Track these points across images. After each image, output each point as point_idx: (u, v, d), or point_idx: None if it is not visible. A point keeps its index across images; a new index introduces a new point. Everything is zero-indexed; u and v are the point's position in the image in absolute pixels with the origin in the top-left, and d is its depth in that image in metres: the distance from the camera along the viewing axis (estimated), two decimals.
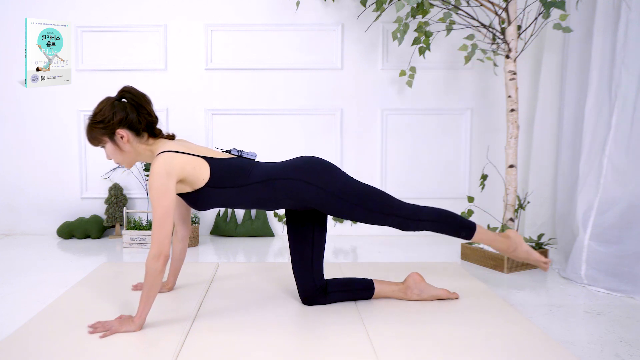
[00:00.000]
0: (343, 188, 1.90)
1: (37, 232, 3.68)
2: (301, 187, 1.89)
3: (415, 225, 1.97)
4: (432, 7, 3.06)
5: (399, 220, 1.95)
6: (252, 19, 3.58)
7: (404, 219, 1.95)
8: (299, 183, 1.89)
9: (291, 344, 1.73)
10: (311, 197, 1.90)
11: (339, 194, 1.89)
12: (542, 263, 2.07)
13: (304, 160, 1.96)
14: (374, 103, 3.63)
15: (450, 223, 2.01)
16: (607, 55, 2.77)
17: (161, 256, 1.74)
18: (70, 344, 1.70)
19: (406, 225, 1.97)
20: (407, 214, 1.96)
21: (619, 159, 2.64)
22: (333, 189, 1.89)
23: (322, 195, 1.89)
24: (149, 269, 1.75)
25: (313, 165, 1.94)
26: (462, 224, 2.03)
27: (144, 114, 1.88)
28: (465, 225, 2.03)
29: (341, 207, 1.91)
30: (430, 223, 1.99)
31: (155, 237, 1.75)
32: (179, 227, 2.16)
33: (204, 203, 1.92)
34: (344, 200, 1.90)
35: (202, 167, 1.86)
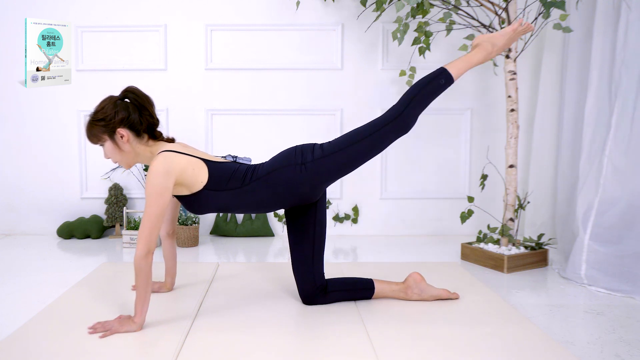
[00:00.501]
0: (327, 146, 1.90)
1: (37, 232, 3.68)
2: (292, 171, 1.88)
3: (407, 115, 1.88)
4: (432, 7, 3.06)
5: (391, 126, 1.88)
6: (252, 19, 3.58)
7: (393, 121, 1.88)
8: (290, 168, 1.88)
9: (291, 344, 1.73)
10: (305, 176, 1.88)
11: (327, 153, 1.88)
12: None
13: (287, 150, 1.97)
14: (374, 103, 3.63)
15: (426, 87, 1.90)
16: (607, 55, 2.77)
17: (149, 254, 1.76)
18: (70, 344, 1.70)
19: (400, 122, 1.88)
20: (393, 114, 1.89)
21: (619, 159, 2.64)
22: (319, 154, 1.89)
23: (314, 166, 1.88)
24: (140, 268, 1.75)
25: (295, 149, 1.94)
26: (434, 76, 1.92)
27: (146, 115, 1.88)
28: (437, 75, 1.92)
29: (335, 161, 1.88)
30: (416, 100, 1.89)
31: (144, 235, 1.75)
32: (165, 224, 2.16)
33: (202, 206, 1.91)
34: (334, 154, 1.88)
35: (200, 169, 1.86)
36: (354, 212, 3.64)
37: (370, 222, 3.68)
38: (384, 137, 1.89)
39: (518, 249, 2.86)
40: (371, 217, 3.67)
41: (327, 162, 1.88)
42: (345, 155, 1.88)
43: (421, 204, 3.68)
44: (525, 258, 2.80)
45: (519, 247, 2.88)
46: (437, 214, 3.67)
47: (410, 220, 3.67)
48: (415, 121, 1.90)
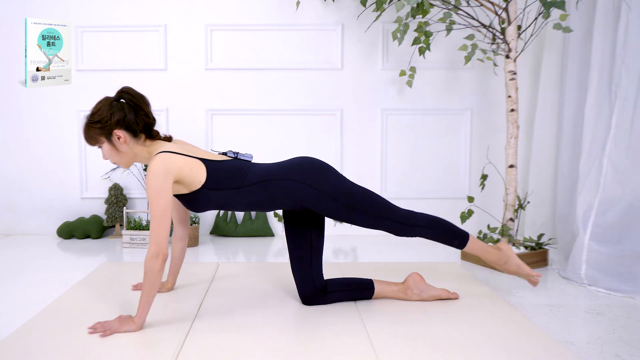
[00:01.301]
0: (338, 189, 1.90)
1: (37, 232, 3.68)
2: (296, 187, 1.89)
3: (409, 231, 1.98)
4: (432, 7, 3.06)
5: (394, 224, 1.95)
6: (252, 19, 3.58)
7: (398, 224, 1.95)
8: (294, 184, 1.89)
9: (291, 344, 1.73)
10: (306, 197, 1.90)
11: (334, 195, 1.89)
12: (532, 278, 2.08)
13: (299, 161, 1.96)
14: (374, 103, 3.63)
15: (443, 230, 2.02)
16: (607, 55, 2.77)
17: (160, 255, 1.74)
18: (70, 344, 1.70)
19: (400, 230, 1.97)
20: (402, 218, 1.96)
21: (619, 159, 2.64)
22: (328, 189, 1.89)
23: (317, 195, 1.89)
24: (148, 268, 1.75)
25: (308, 166, 1.94)
26: (456, 232, 2.04)
27: (142, 115, 1.87)
28: (459, 234, 2.04)
29: (336, 208, 1.90)
30: (424, 229, 1.99)
31: (153, 236, 1.75)
32: (177, 227, 2.16)
33: (200, 204, 1.92)
34: (339, 201, 1.90)
35: (198, 169, 1.86)
36: None
37: None
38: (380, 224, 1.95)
39: (518, 249, 2.86)
40: None
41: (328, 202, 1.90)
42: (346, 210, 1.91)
43: (421, 204, 3.67)
44: (525, 258, 2.80)
45: (519, 247, 2.88)
46: (437, 214, 3.65)
47: None
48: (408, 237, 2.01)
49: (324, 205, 1.90)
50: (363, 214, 1.92)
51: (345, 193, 1.91)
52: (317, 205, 1.91)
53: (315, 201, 1.90)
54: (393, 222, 1.95)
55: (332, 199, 1.89)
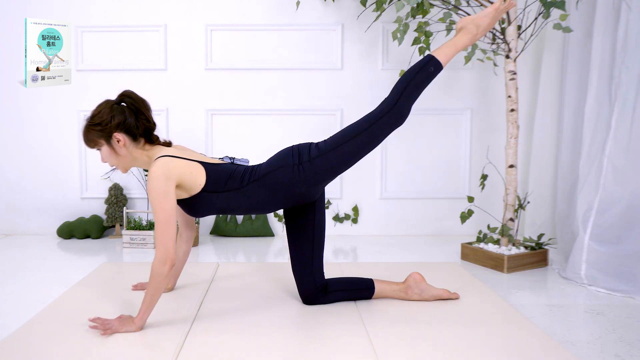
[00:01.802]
0: (323, 145, 1.90)
1: (37, 232, 3.68)
2: (289, 171, 1.88)
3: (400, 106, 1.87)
4: (432, 7, 3.06)
5: (385, 119, 1.87)
6: (252, 19, 3.58)
7: (387, 114, 1.87)
8: (286, 169, 1.88)
9: (291, 344, 1.73)
10: (302, 176, 1.88)
11: (323, 151, 1.88)
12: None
13: (283, 150, 1.97)
14: (374, 103, 3.61)
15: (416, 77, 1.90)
16: (607, 55, 2.77)
17: (168, 260, 1.74)
18: (70, 344, 1.70)
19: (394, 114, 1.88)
20: (386, 107, 1.88)
21: (619, 159, 2.64)
22: (315, 153, 1.89)
23: (311, 165, 1.88)
24: (155, 272, 1.74)
25: (292, 149, 1.94)
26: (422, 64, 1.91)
27: (142, 120, 1.87)
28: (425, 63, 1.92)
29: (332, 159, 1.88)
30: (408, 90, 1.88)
31: (160, 241, 1.74)
32: (183, 230, 2.17)
33: (201, 209, 1.91)
34: (330, 151, 1.88)
35: (198, 172, 1.86)
36: (354, 212, 3.64)
37: (370, 222, 3.68)
38: (379, 131, 1.88)
39: (518, 249, 2.86)
40: (371, 217, 3.67)
41: (324, 161, 1.88)
42: (341, 152, 1.88)
43: (421, 204, 3.68)
44: (525, 258, 2.80)
45: (519, 247, 2.88)
46: (437, 214, 3.67)
47: (410, 220, 3.68)
48: (409, 112, 1.90)
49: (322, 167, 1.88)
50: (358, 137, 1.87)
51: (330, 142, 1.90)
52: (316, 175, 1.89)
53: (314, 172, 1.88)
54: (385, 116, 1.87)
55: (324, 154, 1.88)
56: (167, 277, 1.76)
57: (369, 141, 1.89)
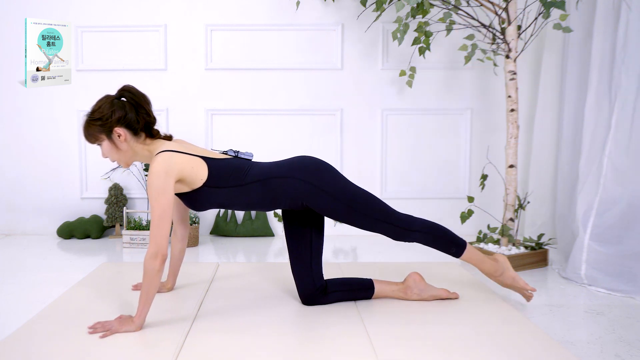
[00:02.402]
0: (339, 189, 1.91)
1: (37, 232, 3.68)
2: (297, 185, 1.89)
3: (407, 235, 1.98)
4: (432, 7, 3.06)
5: (393, 228, 1.96)
6: (252, 19, 3.58)
7: (397, 228, 1.96)
8: (295, 181, 1.89)
9: (291, 344, 1.73)
10: (307, 195, 1.90)
11: (335, 194, 1.90)
12: (527, 292, 2.08)
13: (300, 159, 1.97)
14: (374, 103, 3.63)
15: (442, 237, 2.02)
16: (607, 55, 2.77)
17: (159, 255, 1.74)
18: (70, 344, 1.70)
19: (399, 234, 1.98)
20: (401, 222, 1.97)
21: (619, 159, 2.64)
22: (329, 188, 1.90)
23: (318, 193, 1.89)
24: (147, 268, 1.74)
25: (309, 164, 1.94)
26: (453, 239, 2.03)
27: (143, 114, 1.87)
28: (456, 242, 2.03)
29: (336, 207, 1.91)
30: (423, 235, 1.99)
31: (153, 236, 1.75)
32: (177, 227, 2.16)
33: (202, 203, 1.92)
34: (339, 201, 1.90)
35: (200, 167, 1.86)
36: None
37: None
38: (379, 227, 1.97)
39: (518, 249, 2.86)
40: None
41: (328, 201, 1.90)
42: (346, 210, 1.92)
43: (421, 204, 3.67)
44: (525, 258, 2.80)
45: (519, 247, 2.88)
46: (437, 214, 3.67)
47: None
48: (406, 241, 2.01)
49: (324, 203, 1.90)
50: (362, 215, 1.93)
51: (345, 193, 1.91)
52: (317, 204, 1.91)
53: (316, 199, 1.90)
54: (391, 226, 1.96)
55: (333, 197, 1.90)
56: (160, 273, 1.76)
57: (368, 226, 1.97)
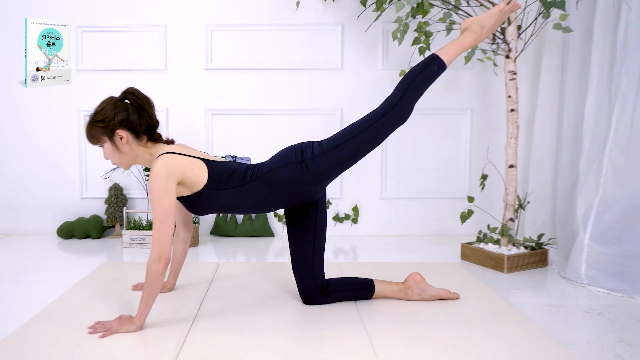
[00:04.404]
0: (326, 143, 1.90)
1: (37, 232, 3.68)
2: (292, 169, 1.88)
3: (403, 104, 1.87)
4: (432, 7, 3.06)
5: (388, 117, 1.87)
6: (252, 19, 3.58)
7: (390, 112, 1.87)
8: (289, 166, 1.88)
9: (291, 344, 1.73)
10: (305, 174, 1.88)
11: (326, 149, 1.88)
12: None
13: (285, 148, 1.97)
14: (374, 103, 3.61)
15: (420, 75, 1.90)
16: (607, 55, 2.77)
17: (162, 258, 1.74)
18: (70, 344, 1.70)
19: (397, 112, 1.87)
20: (389, 105, 1.88)
21: (619, 159, 2.64)
22: (318, 151, 1.89)
23: (314, 163, 1.88)
24: (150, 270, 1.74)
25: (294, 148, 1.94)
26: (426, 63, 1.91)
27: (146, 117, 1.88)
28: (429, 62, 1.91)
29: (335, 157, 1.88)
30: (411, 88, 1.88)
31: (156, 238, 1.75)
32: (180, 229, 2.17)
33: (203, 206, 1.91)
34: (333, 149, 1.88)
35: (200, 169, 1.86)
36: (354, 212, 3.64)
37: (370, 222, 3.68)
38: (382, 129, 1.88)
39: (518, 249, 2.86)
40: (371, 217, 3.67)
41: (327, 158, 1.88)
42: (344, 150, 1.88)
43: (421, 204, 3.68)
44: (525, 258, 2.80)
45: (519, 247, 2.88)
46: (437, 214, 3.67)
47: (410, 221, 3.68)
48: (412, 110, 1.89)
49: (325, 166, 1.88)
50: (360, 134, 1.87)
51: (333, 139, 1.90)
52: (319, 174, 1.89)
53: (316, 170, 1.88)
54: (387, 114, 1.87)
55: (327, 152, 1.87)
56: (163, 275, 1.76)
57: (371, 139, 1.89)
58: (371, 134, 1.87)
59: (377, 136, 1.88)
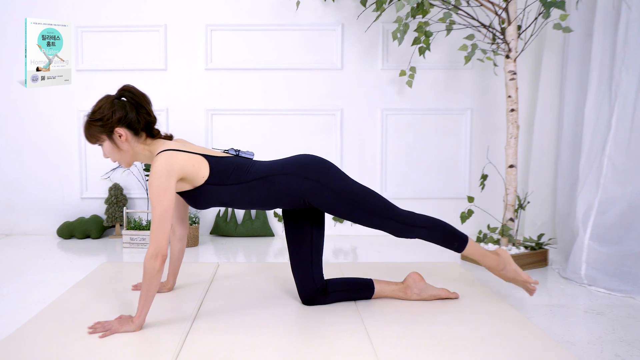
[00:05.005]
0: (342, 186, 1.91)
1: (37, 232, 3.68)
2: (300, 182, 1.89)
3: (409, 232, 1.98)
4: (432, 7, 3.06)
5: (395, 225, 1.96)
6: (252, 19, 3.58)
7: (400, 224, 1.96)
8: (298, 178, 1.89)
9: (291, 344, 1.73)
10: (310, 192, 1.90)
11: (337, 191, 1.90)
12: (529, 285, 2.07)
13: (303, 157, 1.97)
14: (374, 103, 3.63)
15: (443, 232, 2.02)
16: (607, 55, 2.77)
17: (159, 255, 1.74)
18: (70, 344, 1.70)
19: (401, 230, 1.97)
20: (403, 218, 1.96)
21: (619, 159, 2.64)
22: (331, 185, 1.90)
23: (321, 190, 1.89)
24: (147, 268, 1.75)
25: (312, 162, 1.94)
26: (455, 235, 2.03)
27: (143, 114, 1.88)
28: (458, 237, 2.03)
29: (339, 205, 1.91)
30: (425, 230, 1.99)
31: (153, 235, 1.75)
32: (177, 227, 2.16)
33: (204, 201, 1.92)
34: (342, 198, 1.90)
35: (201, 165, 1.86)
36: None
37: None
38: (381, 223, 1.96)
39: (518, 249, 2.86)
40: None
41: (331, 198, 1.91)
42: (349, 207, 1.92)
43: (421, 204, 3.67)
44: (525, 258, 2.80)
45: (519, 247, 2.88)
46: (437, 214, 3.65)
47: None
48: (406, 237, 2.00)
49: (326, 200, 1.90)
50: (364, 212, 1.92)
51: (348, 189, 1.91)
52: (319, 201, 1.91)
53: (319, 196, 1.90)
54: (395, 223, 1.95)
55: (335, 194, 1.89)
56: (160, 272, 1.76)
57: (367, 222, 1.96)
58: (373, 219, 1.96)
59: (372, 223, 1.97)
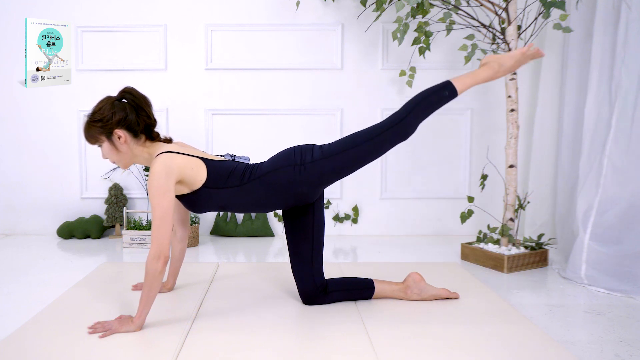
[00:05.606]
0: (327, 148, 1.91)
1: (37, 232, 3.68)
2: (291, 171, 1.89)
3: (407, 125, 1.90)
4: (432, 7, 3.06)
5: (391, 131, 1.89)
6: (252, 19, 3.58)
7: (394, 128, 1.89)
8: (288, 168, 1.89)
9: (291, 344, 1.74)
10: (303, 177, 1.89)
11: (326, 155, 1.89)
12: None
13: (287, 149, 1.98)
14: (374, 103, 3.63)
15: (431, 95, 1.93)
16: (607, 55, 2.77)
17: (161, 256, 1.74)
18: (70, 344, 1.70)
19: (401, 128, 1.90)
20: (395, 120, 1.90)
21: (619, 159, 2.64)
22: (319, 155, 1.90)
23: (313, 167, 1.89)
24: (149, 269, 1.75)
25: (294, 150, 1.95)
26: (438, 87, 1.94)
27: (143, 116, 1.88)
28: (442, 87, 1.95)
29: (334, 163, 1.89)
30: (419, 108, 1.91)
31: (154, 237, 1.75)
32: (178, 228, 2.17)
33: (202, 205, 1.92)
34: (333, 156, 1.89)
35: (199, 168, 1.87)
36: (354, 212, 3.64)
37: (370, 222, 3.68)
38: (383, 142, 1.90)
39: (518, 249, 2.86)
40: (371, 217, 3.67)
41: (326, 164, 1.89)
42: (344, 158, 1.89)
43: (421, 204, 3.68)
44: (525, 258, 2.80)
45: (519, 247, 2.88)
46: (437, 214, 3.67)
47: (410, 220, 3.67)
48: (415, 129, 1.92)
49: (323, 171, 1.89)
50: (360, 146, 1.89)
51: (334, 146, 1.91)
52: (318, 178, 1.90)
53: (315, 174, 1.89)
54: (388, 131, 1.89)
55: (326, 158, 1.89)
56: (162, 274, 1.76)
57: (372, 151, 1.91)
58: (372, 146, 1.89)
59: (378, 148, 1.91)
